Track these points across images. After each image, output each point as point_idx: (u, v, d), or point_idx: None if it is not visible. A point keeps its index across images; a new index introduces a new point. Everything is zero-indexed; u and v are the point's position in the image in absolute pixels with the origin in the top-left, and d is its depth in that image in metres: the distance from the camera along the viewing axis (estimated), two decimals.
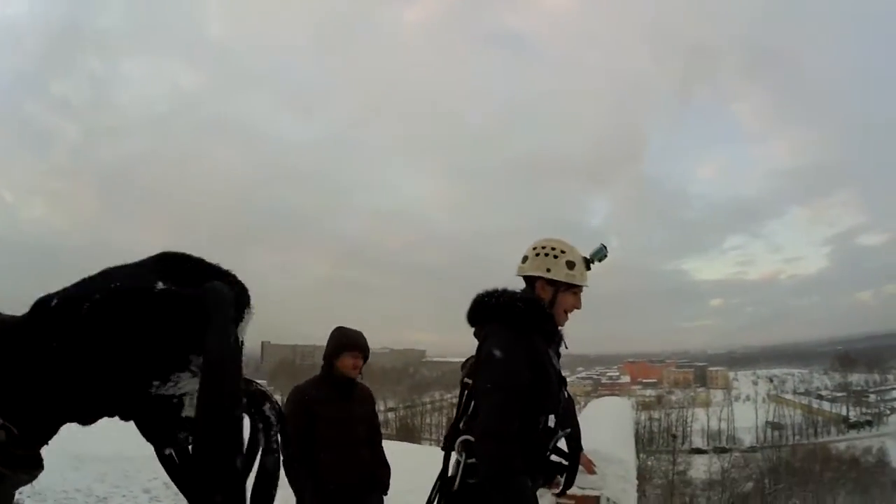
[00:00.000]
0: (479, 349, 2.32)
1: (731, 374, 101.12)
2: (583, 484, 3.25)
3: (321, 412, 3.48)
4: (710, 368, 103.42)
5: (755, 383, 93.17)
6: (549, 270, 2.35)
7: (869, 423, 69.55)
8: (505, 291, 2.35)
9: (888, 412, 71.82)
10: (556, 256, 2.36)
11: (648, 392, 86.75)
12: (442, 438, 2.57)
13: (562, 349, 2.49)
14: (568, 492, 2.76)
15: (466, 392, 2.38)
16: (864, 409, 74.03)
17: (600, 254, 2.49)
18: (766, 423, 70.24)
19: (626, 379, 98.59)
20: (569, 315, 2.44)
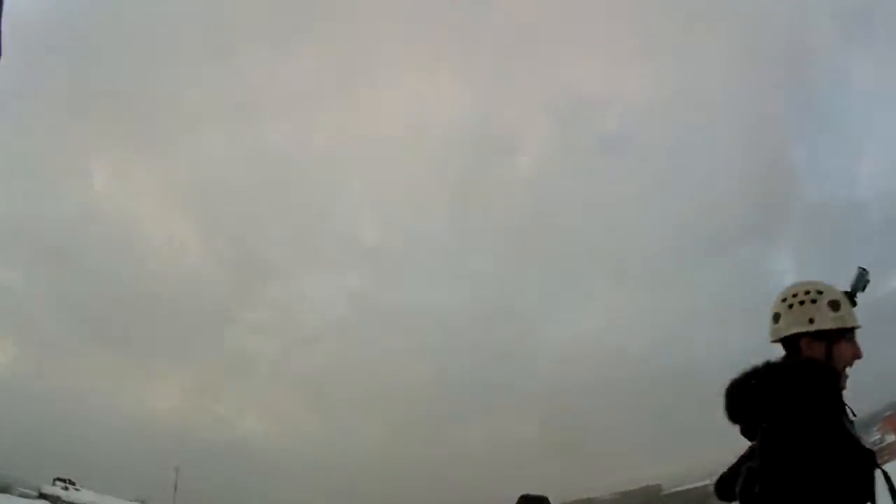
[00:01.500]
0: (756, 452, 1.80)
1: None
2: None
3: None
4: None
5: None
6: (811, 321, 1.86)
7: None
8: (770, 365, 1.87)
9: None
10: (814, 301, 1.88)
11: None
12: None
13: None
14: None
15: None
16: None
17: (862, 280, 2.01)
18: None
19: (892, 438, 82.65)
20: (848, 371, 1.92)
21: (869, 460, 1.68)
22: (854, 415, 1.85)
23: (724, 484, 2.16)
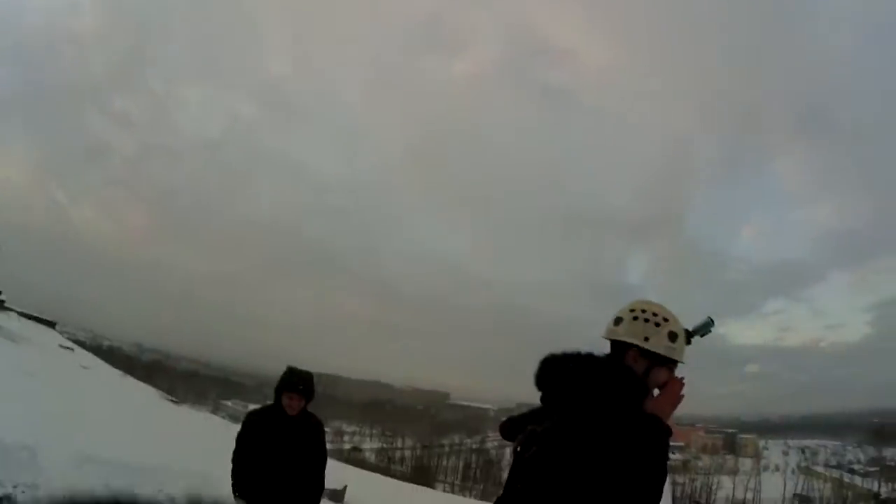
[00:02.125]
0: (556, 425, 1.87)
1: (762, 443, 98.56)
2: None
3: (266, 438, 4.03)
4: (741, 435, 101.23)
5: (786, 453, 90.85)
6: (647, 339, 1.96)
7: None
8: (592, 360, 1.93)
9: None
10: (657, 324, 1.98)
11: (675, 456, 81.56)
12: (456, 483, 2.27)
13: None
14: None
15: (521, 470, 1.97)
16: (895, 486, 70.57)
17: (706, 329, 2.13)
18: (794, 495, 69.33)
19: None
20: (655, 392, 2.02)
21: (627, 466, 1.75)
22: None
23: (509, 425, 2.28)
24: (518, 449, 2.02)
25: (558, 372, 1.92)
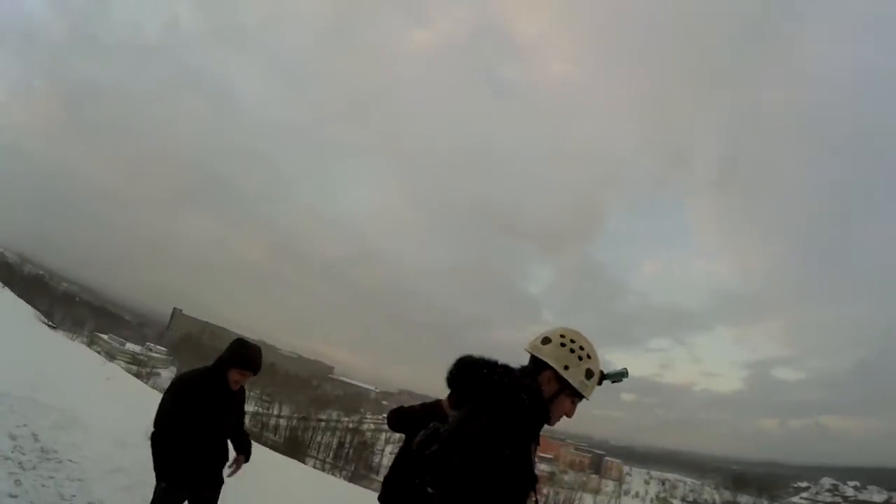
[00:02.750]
0: (461, 423, 1.97)
1: (626, 468, 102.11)
2: None
3: (200, 405, 3.71)
4: (608, 458, 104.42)
5: (647, 482, 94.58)
6: (566, 368, 2.04)
7: None
8: (507, 371, 2.05)
9: None
10: (580, 358, 2.07)
11: (543, 467, 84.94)
12: (327, 461, 3.77)
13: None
14: None
15: (411, 454, 2.20)
16: None
17: (619, 377, 2.25)
18: None
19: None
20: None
21: (532, 482, 1.93)
22: (538, 444, 2.09)
23: (397, 416, 2.97)
24: (416, 444, 2.16)
25: (473, 376, 2.04)
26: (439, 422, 2.25)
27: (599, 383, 2.16)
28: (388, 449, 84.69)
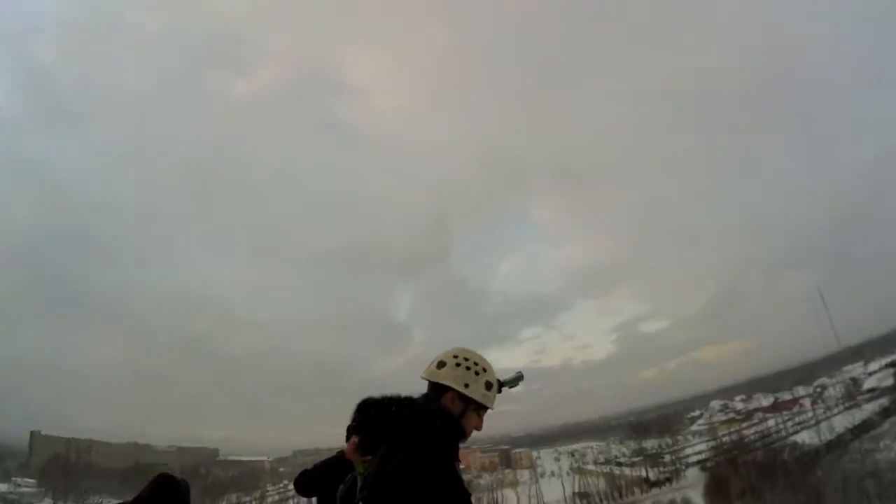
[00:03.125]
0: (382, 462, 2.01)
1: (535, 454, 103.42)
2: None
3: None
4: (515, 450, 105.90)
5: (557, 459, 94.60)
6: (467, 386, 2.20)
7: (668, 480, 74.56)
8: (412, 403, 2.13)
9: (684, 468, 77.49)
10: (477, 373, 2.23)
11: None
12: None
13: None
14: None
15: None
16: (661, 469, 79.54)
17: (516, 382, 2.43)
18: (574, 493, 73.33)
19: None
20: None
21: (466, 498, 1.98)
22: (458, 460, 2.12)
23: (306, 479, 2.96)
24: (339, 498, 2.30)
25: (381, 416, 2.09)
26: (346, 471, 2.49)
27: (499, 391, 2.31)
28: None
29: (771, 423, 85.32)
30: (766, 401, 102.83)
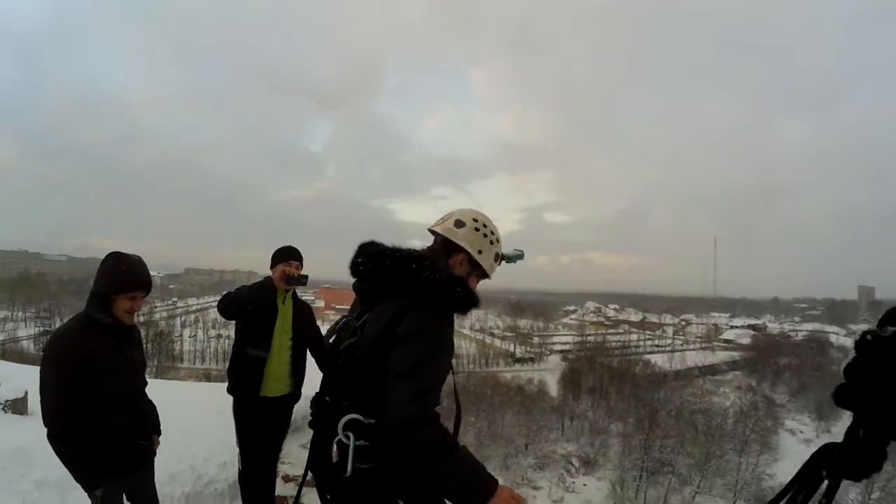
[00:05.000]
0: (388, 321, 1.99)
1: None
2: None
3: (102, 365, 2.71)
4: None
5: None
6: (480, 252, 2.21)
7: (532, 360, 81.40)
8: (433, 266, 2.05)
9: (548, 353, 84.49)
10: (491, 242, 2.24)
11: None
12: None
13: None
14: None
15: (338, 360, 2.11)
16: (528, 348, 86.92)
17: (515, 259, 2.42)
18: None
19: (321, 303, 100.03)
20: None
21: (451, 353, 2.04)
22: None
23: (229, 302, 3.53)
24: (330, 338, 2.24)
25: (399, 271, 2.04)
26: (269, 298, 3.42)
27: (498, 264, 2.29)
28: (185, 334, 76.89)
29: (634, 336, 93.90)
30: (635, 316, 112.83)
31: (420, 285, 1.98)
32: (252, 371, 3.70)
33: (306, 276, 3.69)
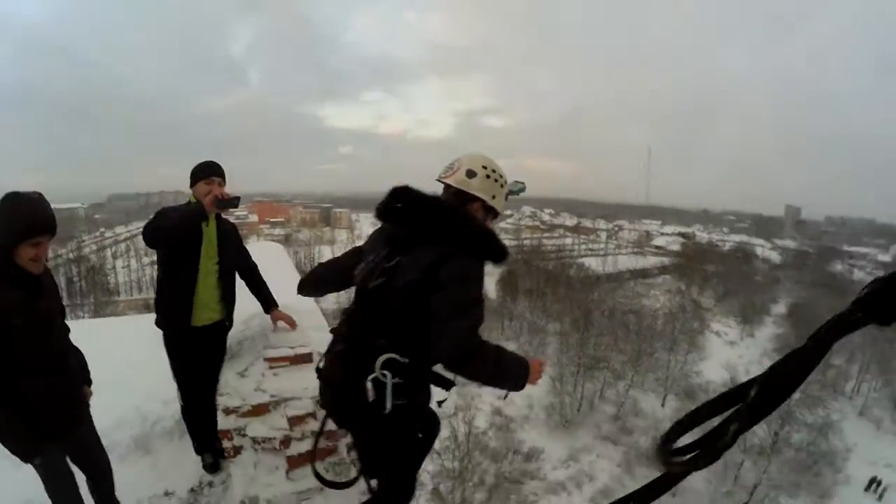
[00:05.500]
0: (429, 266, 2.09)
1: (354, 216, 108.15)
2: (292, 343, 3.79)
3: (15, 324, 2.45)
4: (335, 210, 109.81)
5: (375, 225, 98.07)
6: (493, 198, 2.33)
7: None
8: (468, 215, 2.21)
9: None
10: (501, 186, 2.36)
11: (277, 231, 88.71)
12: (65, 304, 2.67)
13: None
14: (279, 354, 3.64)
15: (369, 300, 2.22)
16: None
17: (519, 191, 2.58)
18: None
19: (254, 218, 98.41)
20: None
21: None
22: None
23: (156, 228, 3.14)
24: (359, 277, 2.28)
25: (439, 220, 2.14)
26: (198, 221, 3.27)
27: (506, 200, 2.42)
28: (118, 265, 73.75)
29: (569, 241, 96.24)
30: (570, 221, 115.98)
31: (463, 236, 2.10)
32: (180, 301, 3.50)
33: (238, 198, 3.42)
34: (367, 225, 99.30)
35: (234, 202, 3.42)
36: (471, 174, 2.29)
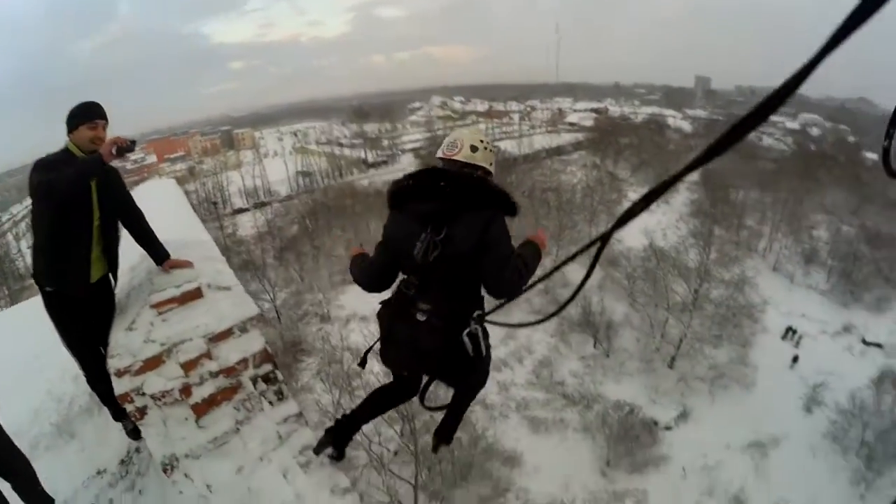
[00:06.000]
0: (482, 230, 2.45)
1: (258, 134, 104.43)
2: (177, 281, 3.52)
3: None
4: (236, 131, 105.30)
5: (280, 139, 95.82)
6: (491, 164, 2.69)
7: (385, 162, 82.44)
8: (489, 184, 2.58)
9: (400, 153, 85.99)
10: (494, 153, 2.73)
11: (179, 167, 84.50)
12: None
13: None
14: (165, 297, 3.42)
15: (438, 271, 2.52)
16: (379, 152, 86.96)
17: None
18: (297, 172, 75.57)
19: (152, 159, 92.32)
20: None
21: None
22: None
23: (51, 182, 2.96)
24: (418, 256, 2.49)
25: (476, 192, 2.49)
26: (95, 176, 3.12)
27: None
28: (23, 246, 67.39)
29: (482, 126, 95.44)
30: (481, 107, 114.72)
31: (495, 199, 2.51)
32: (77, 259, 3.32)
33: (134, 141, 3.18)
34: (272, 141, 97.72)
35: (131, 147, 3.21)
36: (474, 149, 2.66)
